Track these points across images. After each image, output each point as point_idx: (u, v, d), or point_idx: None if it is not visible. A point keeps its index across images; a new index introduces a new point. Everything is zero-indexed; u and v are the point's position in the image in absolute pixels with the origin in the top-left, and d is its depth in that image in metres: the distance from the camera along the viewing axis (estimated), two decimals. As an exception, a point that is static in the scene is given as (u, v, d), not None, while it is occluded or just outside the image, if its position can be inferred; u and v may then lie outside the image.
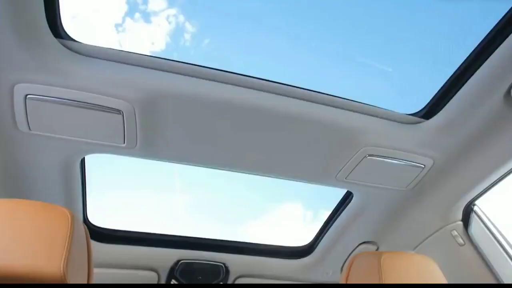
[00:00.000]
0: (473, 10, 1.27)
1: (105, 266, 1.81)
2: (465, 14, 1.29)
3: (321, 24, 1.50)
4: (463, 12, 1.29)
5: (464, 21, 1.32)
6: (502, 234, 1.52)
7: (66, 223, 0.82)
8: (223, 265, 1.90)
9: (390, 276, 1.05)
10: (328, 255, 1.97)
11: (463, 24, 1.34)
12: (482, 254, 1.53)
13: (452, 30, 1.39)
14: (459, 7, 1.28)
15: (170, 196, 2.81)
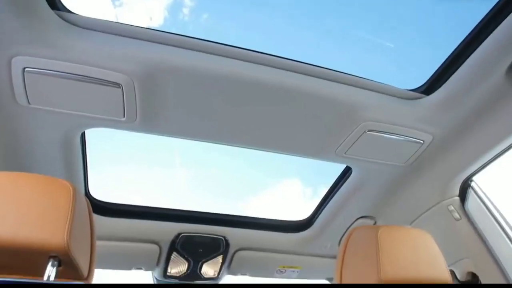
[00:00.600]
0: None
1: (107, 239, 1.84)
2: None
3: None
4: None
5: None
6: (498, 209, 1.54)
7: (68, 196, 0.83)
8: (223, 238, 1.94)
9: (387, 249, 1.07)
10: (327, 229, 2.00)
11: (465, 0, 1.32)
12: (478, 229, 1.55)
13: (455, 6, 1.37)
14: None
15: (171, 172, 2.83)
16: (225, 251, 1.98)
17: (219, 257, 2.00)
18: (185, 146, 2.30)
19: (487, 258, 1.50)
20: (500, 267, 1.46)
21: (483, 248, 1.52)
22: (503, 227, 1.49)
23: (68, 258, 0.80)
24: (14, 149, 1.36)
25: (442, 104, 1.32)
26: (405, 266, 1.06)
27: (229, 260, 2.06)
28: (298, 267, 2.21)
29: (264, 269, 2.20)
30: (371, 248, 1.08)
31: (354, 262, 1.15)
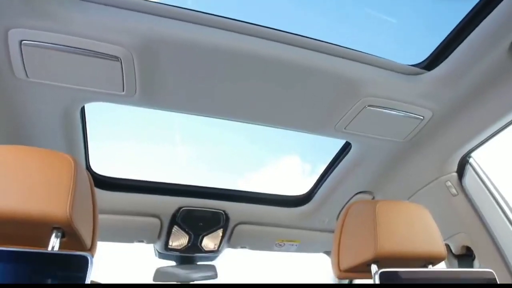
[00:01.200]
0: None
1: (109, 212, 1.87)
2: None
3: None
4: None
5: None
6: (495, 186, 1.55)
7: (69, 169, 0.84)
8: (223, 212, 1.97)
9: (384, 223, 1.08)
10: (325, 204, 2.03)
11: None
12: (474, 205, 1.57)
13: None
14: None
15: (171, 147, 2.84)
16: (225, 225, 2.01)
17: (219, 230, 2.03)
18: (185, 122, 2.30)
19: (482, 232, 1.53)
20: (494, 241, 1.49)
21: (478, 223, 1.54)
22: (499, 203, 1.52)
23: (71, 229, 0.81)
24: (14, 123, 1.36)
25: (443, 80, 1.31)
26: (401, 240, 1.08)
27: (229, 234, 2.09)
28: (296, 241, 2.26)
29: (263, 242, 2.24)
30: (368, 222, 1.10)
31: (351, 236, 1.17)
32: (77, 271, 0.77)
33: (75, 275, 0.77)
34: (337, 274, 1.18)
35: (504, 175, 1.58)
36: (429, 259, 1.13)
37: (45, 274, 0.77)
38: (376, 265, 1.04)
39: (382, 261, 1.05)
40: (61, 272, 0.77)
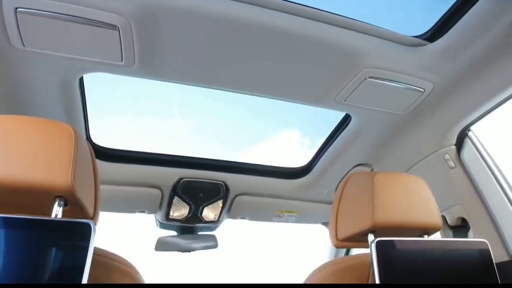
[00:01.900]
0: None
1: (110, 183, 1.89)
2: None
3: None
4: None
5: None
6: (492, 159, 1.56)
7: (70, 139, 0.84)
8: (223, 183, 1.99)
9: (382, 194, 1.10)
10: (324, 175, 2.05)
11: None
12: (471, 177, 1.59)
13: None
14: None
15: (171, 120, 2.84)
16: (225, 196, 2.04)
17: (219, 201, 2.06)
18: (185, 95, 2.29)
19: (478, 204, 1.55)
20: (489, 213, 1.52)
21: (474, 195, 1.56)
22: (496, 176, 1.53)
23: (73, 198, 0.82)
24: (13, 94, 1.36)
25: (445, 52, 1.30)
26: (398, 210, 1.10)
27: (229, 205, 2.13)
28: (295, 212, 2.29)
29: (262, 213, 2.28)
30: (366, 193, 1.11)
31: (349, 207, 1.19)
32: (80, 238, 0.79)
33: (79, 242, 0.79)
34: (335, 243, 1.21)
35: (502, 149, 1.59)
36: (425, 229, 1.15)
37: (49, 241, 0.79)
38: (373, 235, 1.07)
39: (379, 231, 1.07)
40: (65, 239, 0.79)
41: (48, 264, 0.77)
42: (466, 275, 1.09)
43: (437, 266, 1.07)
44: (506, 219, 1.48)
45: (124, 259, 0.96)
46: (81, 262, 0.76)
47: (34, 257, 0.76)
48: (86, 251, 0.78)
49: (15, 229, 0.77)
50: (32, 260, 0.76)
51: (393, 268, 1.00)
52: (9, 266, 0.74)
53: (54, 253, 0.78)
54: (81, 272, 0.76)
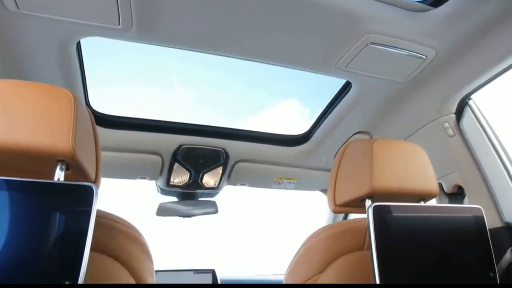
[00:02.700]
0: None
1: (110, 149, 1.90)
2: None
3: None
4: None
5: None
6: (491, 128, 1.57)
7: (69, 104, 0.84)
8: (223, 150, 2.00)
9: (381, 160, 1.11)
10: (323, 143, 2.06)
11: None
12: (469, 146, 1.59)
13: None
14: None
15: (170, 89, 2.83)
16: (225, 162, 2.05)
17: (219, 168, 2.08)
18: (184, 65, 2.27)
19: (474, 172, 1.57)
20: (485, 181, 1.54)
21: (472, 164, 1.58)
22: (494, 145, 1.54)
23: (75, 162, 0.83)
24: (9, 58, 1.34)
25: (449, 17, 1.27)
26: (396, 177, 1.11)
27: (228, 171, 2.15)
28: (294, 179, 2.32)
29: (262, 180, 2.31)
30: (365, 159, 1.12)
31: (348, 173, 1.21)
32: (83, 201, 0.80)
33: (82, 204, 0.80)
34: (333, 208, 1.23)
35: (501, 118, 1.59)
36: (421, 195, 1.17)
37: (52, 203, 0.80)
38: (370, 200, 1.08)
39: (376, 197, 1.09)
40: (68, 202, 0.80)
41: (52, 226, 0.79)
42: (460, 240, 1.12)
43: (432, 230, 1.10)
44: (501, 187, 1.50)
45: (126, 221, 0.98)
46: (85, 224, 0.78)
47: (37, 219, 0.78)
48: (89, 213, 0.79)
49: (19, 191, 0.79)
50: (36, 222, 0.78)
51: (388, 232, 1.03)
52: (13, 228, 0.76)
53: (57, 215, 0.80)
54: (85, 234, 0.78)
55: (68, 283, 0.74)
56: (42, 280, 0.75)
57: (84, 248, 0.76)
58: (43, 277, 0.75)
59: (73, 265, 0.75)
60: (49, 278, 0.75)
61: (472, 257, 1.13)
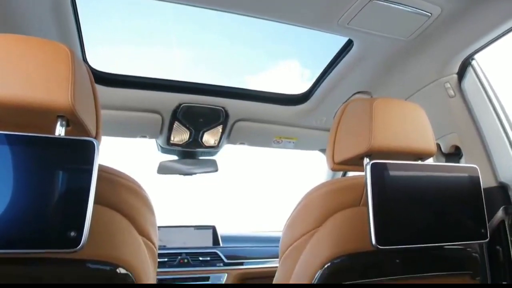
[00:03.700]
0: None
1: (110, 108, 1.90)
2: None
3: None
4: None
5: None
6: (493, 89, 1.56)
7: (66, 59, 0.83)
8: (222, 109, 2.00)
9: (380, 119, 1.11)
10: (323, 102, 2.06)
11: None
12: (469, 107, 1.59)
13: None
14: None
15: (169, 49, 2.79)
16: (224, 121, 2.06)
17: (219, 127, 2.09)
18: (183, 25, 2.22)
19: (472, 133, 1.58)
20: (483, 141, 1.55)
21: (471, 124, 1.58)
22: (494, 106, 1.54)
23: (75, 117, 0.83)
24: (3, 13, 1.31)
25: None
26: (394, 135, 1.12)
27: (228, 130, 2.16)
28: (293, 138, 2.34)
29: (261, 139, 2.32)
30: (365, 117, 1.12)
31: (347, 131, 1.21)
32: (85, 156, 0.81)
33: (83, 159, 0.81)
34: (331, 166, 1.25)
35: (503, 80, 1.58)
36: (419, 154, 1.18)
37: (54, 158, 0.80)
38: (368, 158, 1.10)
39: (374, 155, 1.11)
40: (70, 157, 0.81)
41: (55, 180, 0.80)
42: (454, 198, 1.15)
43: (427, 188, 1.12)
44: (498, 147, 1.51)
45: (128, 175, 1.00)
46: (87, 178, 0.79)
47: (40, 174, 0.79)
48: (91, 167, 0.80)
49: (21, 146, 0.79)
50: (39, 176, 0.79)
51: (385, 189, 1.05)
52: (17, 182, 0.77)
53: (60, 169, 0.81)
54: (87, 187, 0.79)
55: (74, 234, 0.77)
56: (48, 232, 0.77)
57: (88, 201, 0.78)
58: (49, 229, 0.78)
59: (78, 217, 0.77)
60: (54, 230, 0.78)
61: (466, 215, 1.16)
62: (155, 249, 1.07)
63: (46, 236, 0.77)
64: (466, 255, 1.24)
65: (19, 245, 0.75)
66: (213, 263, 2.17)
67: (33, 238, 0.76)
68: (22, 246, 0.76)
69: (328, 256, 1.08)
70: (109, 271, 0.87)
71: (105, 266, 0.87)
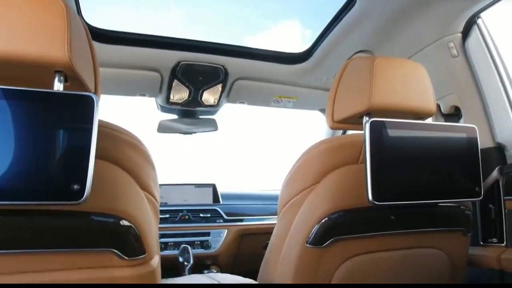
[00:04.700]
0: None
1: (108, 65, 1.87)
2: None
3: None
4: None
5: None
6: (497, 49, 1.53)
7: (61, 12, 0.80)
8: (222, 67, 1.97)
9: (381, 77, 1.10)
10: (324, 61, 2.02)
11: None
12: (472, 67, 1.57)
13: None
14: None
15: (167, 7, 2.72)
16: (224, 79, 2.04)
17: (218, 85, 2.07)
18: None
19: (473, 93, 1.57)
20: (483, 102, 1.55)
21: (472, 85, 1.57)
22: (497, 67, 1.52)
23: (73, 72, 0.83)
24: None
25: None
26: (395, 94, 1.12)
27: (228, 89, 2.14)
28: (293, 98, 2.33)
29: (261, 98, 2.31)
30: (365, 76, 1.11)
31: (347, 89, 1.21)
32: (84, 111, 0.81)
33: (83, 114, 0.81)
34: (331, 124, 1.26)
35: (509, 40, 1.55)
36: (419, 114, 1.19)
37: (54, 113, 0.80)
38: (368, 117, 1.10)
39: (374, 113, 1.11)
40: (69, 111, 0.81)
41: (56, 135, 0.80)
42: (451, 157, 1.17)
43: (425, 147, 1.13)
44: (498, 109, 1.51)
45: (129, 131, 1.00)
46: (88, 133, 0.80)
47: (41, 129, 0.79)
48: (91, 122, 0.80)
49: (20, 100, 0.79)
50: (39, 131, 0.79)
51: (383, 147, 1.06)
52: (17, 137, 0.78)
53: (60, 124, 0.81)
54: (88, 142, 0.80)
55: (77, 187, 0.79)
56: (51, 185, 0.79)
57: (89, 154, 0.79)
58: (52, 182, 0.79)
59: (80, 171, 0.79)
60: (57, 183, 0.79)
61: (461, 173, 1.18)
62: (157, 203, 1.10)
63: (49, 189, 0.79)
64: (459, 212, 1.28)
65: (24, 197, 0.77)
66: (213, 220, 2.23)
67: (37, 190, 0.78)
68: (26, 198, 0.78)
69: (326, 211, 1.12)
70: (112, 223, 0.89)
71: (108, 218, 0.89)
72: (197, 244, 2.13)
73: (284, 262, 1.21)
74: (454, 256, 1.29)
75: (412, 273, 1.25)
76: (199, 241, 2.15)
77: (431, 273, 1.27)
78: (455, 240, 1.29)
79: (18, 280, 0.85)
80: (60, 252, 0.88)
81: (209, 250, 2.14)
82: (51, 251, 0.87)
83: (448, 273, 1.29)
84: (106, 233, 0.90)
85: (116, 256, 0.91)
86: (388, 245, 1.20)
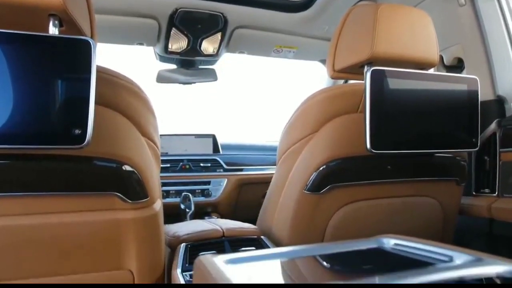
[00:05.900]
0: None
1: (102, 12, 1.81)
2: None
3: None
4: None
5: None
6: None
7: None
8: (221, 14, 1.91)
9: (385, 25, 1.07)
10: (327, 10, 1.96)
11: None
12: (479, 17, 1.53)
13: None
14: None
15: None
16: (223, 28, 1.99)
17: (218, 34, 2.02)
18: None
19: (478, 44, 1.54)
20: (487, 53, 1.52)
21: (477, 35, 1.54)
22: (505, 17, 1.49)
23: (67, 16, 0.81)
24: None
25: None
26: (397, 42, 1.10)
27: (227, 38, 2.09)
28: (294, 48, 2.28)
29: (261, 47, 2.27)
30: (368, 23, 1.09)
31: (349, 37, 1.18)
32: (82, 55, 0.80)
33: (81, 59, 0.80)
34: (331, 74, 1.24)
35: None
36: (421, 63, 1.17)
37: (51, 58, 0.80)
38: (369, 66, 1.09)
39: (376, 63, 1.09)
40: (66, 56, 0.80)
41: (55, 80, 0.80)
42: (451, 108, 1.17)
43: (425, 97, 1.13)
44: (501, 61, 1.50)
45: (128, 77, 0.99)
46: (86, 78, 0.80)
47: (39, 73, 0.79)
48: (89, 67, 0.80)
49: (16, 44, 0.78)
50: (37, 76, 0.79)
51: (384, 96, 1.06)
52: (15, 82, 0.78)
53: (58, 69, 0.81)
54: (87, 87, 0.80)
55: (78, 132, 0.80)
56: (53, 130, 0.80)
57: (89, 99, 0.79)
58: (53, 127, 0.80)
59: (80, 116, 0.79)
60: (59, 128, 0.80)
61: (460, 125, 1.19)
62: (158, 150, 1.11)
63: (51, 134, 0.80)
64: (454, 163, 1.30)
65: (25, 142, 0.79)
66: (214, 169, 2.27)
67: (39, 135, 0.79)
68: (28, 142, 0.79)
69: (324, 159, 1.14)
70: (115, 168, 0.92)
71: (111, 163, 0.91)
72: (198, 192, 2.18)
73: (282, 208, 1.25)
74: (446, 205, 1.33)
75: (406, 220, 1.29)
76: (199, 189, 2.19)
77: (424, 220, 1.32)
78: (449, 189, 1.32)
79: (26, 221, 0.89)
80: (65, 195, 0.91)
81: (210, 198, 2.20)
82: (56, 194, 0.90)
83: (440, 220, 1.34)
84: (109, 178, 0.93)
85: (119, 199, 0.94)
86: (384, 193, 1.24)
